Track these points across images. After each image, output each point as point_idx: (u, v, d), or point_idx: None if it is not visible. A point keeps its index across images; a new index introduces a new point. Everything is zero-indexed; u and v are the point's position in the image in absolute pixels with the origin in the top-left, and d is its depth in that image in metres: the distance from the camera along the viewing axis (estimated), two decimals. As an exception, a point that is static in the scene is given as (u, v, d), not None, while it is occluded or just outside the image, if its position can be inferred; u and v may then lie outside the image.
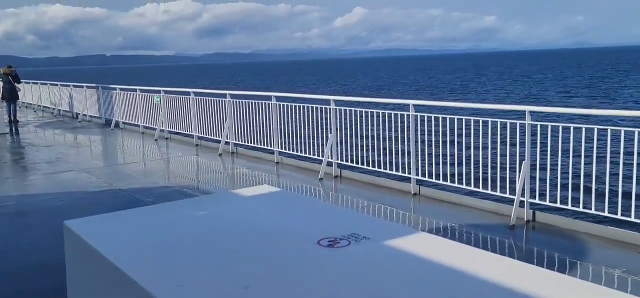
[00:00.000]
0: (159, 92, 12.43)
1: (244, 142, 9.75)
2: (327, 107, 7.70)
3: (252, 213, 3.70)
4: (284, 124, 8.80)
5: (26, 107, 22.00)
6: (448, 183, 6.16)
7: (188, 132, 11.51)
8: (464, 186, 5.95)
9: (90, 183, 7.95)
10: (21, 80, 17.96)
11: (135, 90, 13.63)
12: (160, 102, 12.45)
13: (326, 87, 59.87)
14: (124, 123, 14.54)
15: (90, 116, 16.80)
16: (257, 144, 9.38)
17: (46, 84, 20.59)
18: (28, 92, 22.11)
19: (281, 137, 8.86)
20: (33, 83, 21.74)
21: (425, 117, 6.25)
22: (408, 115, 6.38)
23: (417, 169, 6.40)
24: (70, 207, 6.57)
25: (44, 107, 21.07)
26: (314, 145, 8.13)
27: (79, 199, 6.98)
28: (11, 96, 16.67)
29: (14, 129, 15.15)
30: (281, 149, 8.86)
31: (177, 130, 11.92)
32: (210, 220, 3.54)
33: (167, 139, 12.26)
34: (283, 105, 8.80)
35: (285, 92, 9.31)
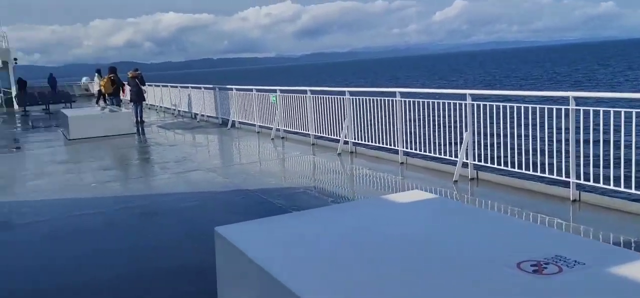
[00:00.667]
0: (275, 91, 12.45)
1: (364, 141, 9.37)
2: (463, 102, 7.05)
3: (417, 225, 3.24)
4: (410, 121, 8.28)
5: (149, 108, 23.45)
6: (612, 187, 5.27)
7: (304, 131, 11.38)
8: (640, 192, 5.04)
9: (217, 183, 7.99)
10: (146, 83, 19.11)
11: (251, 90, 13.81)
12: (276, 101, 12.46)
13: (434, 83, 58.15)
14: (239, 123, 14.83)
15: (208, 116, 17.41)
16: (379, 143, 8.95)
17: (167, 86, 21.77)
18: (151, 94, 23.55)
19: (405, 136, 8.35)
20: (155, 86, 23.11)
21: (591, 111, 5.40)
22: (568, 110, 5.55)
23: (577, 172, 5.56)
24: (202, 208, 6.57)
25: (165, 108, 22.31)
26: (444, 144, 7.53)
27: (209, 199, 6.98)
28: (138, 98, 17.76)
29: (140, 129, 16.05)
30: (406, 148, 8.35)
31: (293, 129, 11.84)
32: (368, 230, 3.14)
33: (282, 138, 12.23)
34: (407, 101, 8.29)
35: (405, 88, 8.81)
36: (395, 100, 8.39)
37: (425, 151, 7.89)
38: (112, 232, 5.79)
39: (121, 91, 18.56)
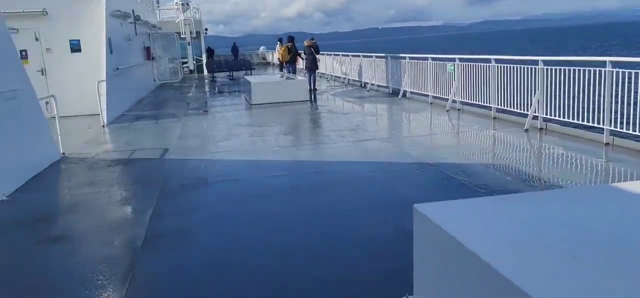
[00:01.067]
0: (453, 60, 11.76)
1: (558, 116, 8.32)
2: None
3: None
4: (618, 96, 7.10)
5: (320, 77, 24.19)
6: None
7: (484, 104, 10.57)
8: None
9: (393, 154, 7.77)
10: (320, 52, 19.65)
11: (426, 58, 13.27)
12: (454, 71, 11.78)
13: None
14: (411, 93, 14.43)
15: (378, 85, 17.31)
16: (577, 120, 7.86)
17: (338, 55, 22.16)
18: (322, 63, 24.24)
19: (613, 114, 7.19)
20: (327, 54, 23.71)
21: None
22: None
23: None
24: (383, 180, 6.40)
25: (335, 76, 22.81)
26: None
27: (387, 171, 6.78)
28: (312, 66, 18.34)
29: (313, 96, 16.55)
30: (614, 126, 7.19)
31: (471, 101, 11.09)
32: (608, 225, 2.58)
33: (459, 110, 11.56)
34: (618, 72, 7.09)
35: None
36: (605, 71, 7.24)
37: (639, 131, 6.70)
38: (297, 196, 5.91)
39: (297, 59, 19.34)
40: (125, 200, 6.08)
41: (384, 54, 16.97)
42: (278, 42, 18.84)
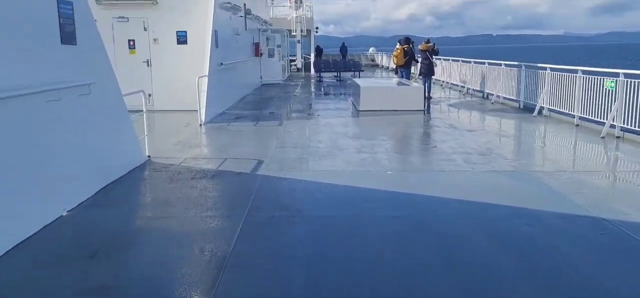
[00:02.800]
0: (617, 75, 9.38)
1: None
2: None
3: None
4: None
5: (433, 83, 22.14)
6: None
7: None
8: None
9: (550, 199, 5.81)
10: (438, 55, 17.72)
11: (575, 71, 10.90)
12: (615, 88, 9.39)
13: None
14: (549, 110, 12.08)
15: (504, 98, 15.01)
16: None
17: (457, 60, 19.98)
18: (437, 69, 22.16)
19: None
20: (444, 59, 21.58)
21: None
22: None
23: None
24: (547, 244, 4.52)
25: (451, 84, 20.65)
26: None
27: (551, 228, 4.86)
28: (428, 72, 16.46)
29: (428, 105, 14.68)
30: None
31: (637, 129, 8.72)
32: None
33: (618, 137, 9.17)
34: None
35: None
36: None
37: None
38: (426, 246, 4.26)
39: (413, 64, 17.53)
40: (199, 235, 4.81)
41: (516, 63, 14.64)
42: (397, 44, 17.10)
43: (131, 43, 13.69)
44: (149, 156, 7.77)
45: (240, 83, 17.19)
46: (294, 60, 33.92)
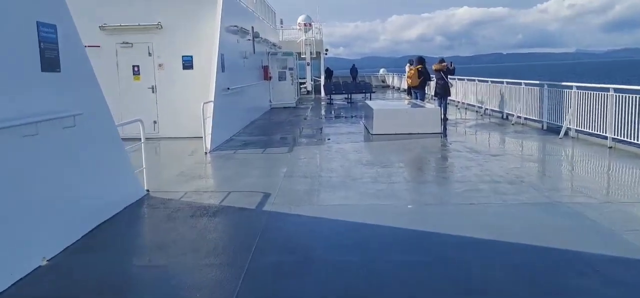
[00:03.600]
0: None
1: None
2: None
3: None
4: None
5: (448, 103, 21.45)
6: None
7: None
8: None
9: (606, 240, 5.05)
10: (453, 75, 17.07)
11: (607, 89, 10.16)
12: (653, 107, 8.65)
13: None
14: (577, 131, 11.32)
15: (526, 118, 14.27)
16: None
17: (473, 80, 19.29)
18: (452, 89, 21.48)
19: None
20: (459, 79, 20.90)
21: None
22: None
23: None
24: (604, 289, 3.78)
25: (467, 104, 19.94)
26: None
27: (609, 274, 4.12)
28: (444, 92, 15.78)
29: (444, 127, 13.98)
30: None
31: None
32: None
33: (657, 160, 8.40)
34: None
35: None
36: None
37: None
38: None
39: (427, 84, 16.88)
40: (195, 287, 4.14)
41: (538, 81, 13.92)
42: (408, 64, 16.48)
43: (136, 69, 13.22)
44: (147, 190, 7.15)
45: (248, 107, 16.63)
46: (304, 83, 33.45)
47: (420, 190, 7.22)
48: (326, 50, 39.53)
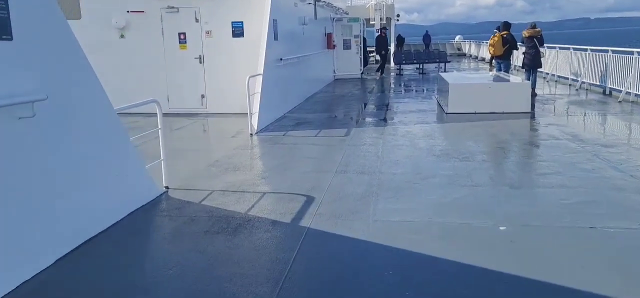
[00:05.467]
0: None
1: None
2: None
3: None
4: None
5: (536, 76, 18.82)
6: None
7: None
8: None
9: None
10: (544, 44, 14.62)
11: None
12: None
13: None
14: None
15: (636, 95, 11.75)
16: None
17: (568, 48, 16.61)
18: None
19: None
20: (548, 47, 18.20)
21: None
22: None
23: None
24: None
25: (558, 77, 17.30)
26: None
27: None
28: (533, 63, 13.44)
29: (534, 105, 11.78)
30: None
31: None
32: None
33: None
34: None
35: None
36: None
37: None
38: None
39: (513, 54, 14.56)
40: None
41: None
42: (495, 31, 14.18)
43: (182, 37, 12.01)
44: (166, 188, 5.83)
45: (307, 80, 15.07)
46: (372, 52, 31.44)
47: (514, 199, 5.39)
48: (397, 16, 37.11)
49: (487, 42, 29.91)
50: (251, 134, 9.18)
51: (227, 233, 4.55)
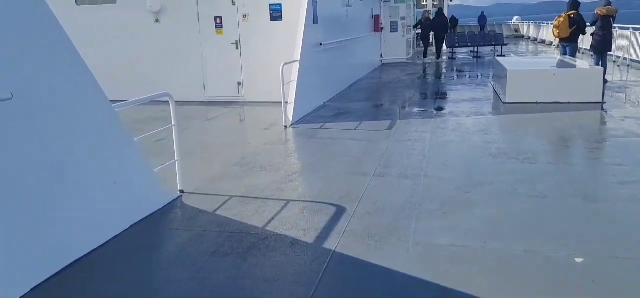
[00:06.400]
0: None
1: None
2: None
3: None
4: None
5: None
6: None
7: None
8: None
9: None
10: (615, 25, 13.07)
11: None
12: None
13: None
14: None
15: None
16: None
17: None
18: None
19: None
20: (619, 28, 16.46)
21: None
22: None
23: None
24: None
25: (631, 60, 15.60)
26: None
27: None
28: (603, 46, 11.98)
29: (603, 93, 10.41)
30: None
31: None
32: None
33: None
34: None
35: None
36: None
37: None
38: None
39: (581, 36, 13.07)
40: None
41: None
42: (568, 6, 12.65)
43: (218, 21, 11.38)
44: (181, 191, 5.19)
45: (351, 65, 14.16)
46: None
47: (591, 218, 4.38)
48: (451, -4, 35.43)
49: (548, 23, 27.91)
50: (285, 126, 8.45)
51: (237, 255, 3.82)
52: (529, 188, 5.04)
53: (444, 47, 22.48)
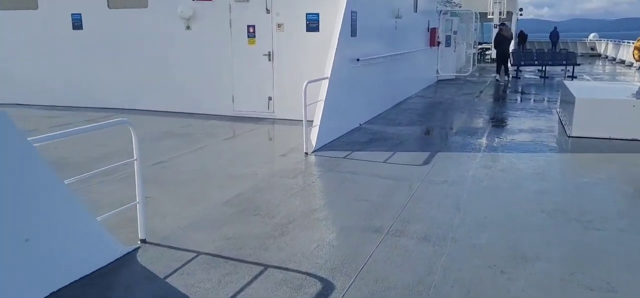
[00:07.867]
0: None
1: None
2: None
3: None
4: None
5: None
6: None
7: None
8: None
9: None
10: None
11: None
12: None
13: None
14: None
15: None
16: None
17: None
18: None
19: None
20: None
21: None
22: None
23: None
24: None
25: None
26: None
27: None
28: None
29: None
30: None
31: None
32: None
33: None
34: None
35: None
36: None
37: None
38: None
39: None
40: None
41: None
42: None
43: (250, 30, 10.51)
44: (142, 241, 4.22)
45: (398, 82, 12.89)
46: (489, 50, 28.10)
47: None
48: (520, 9, 33.24)
49: (629, 42, 25.24)
50: (306, 153, 7.38)
51: (160, 359, 2.77)
52: (593, 274, 3.68)
53: (510, 64, 20.64)
